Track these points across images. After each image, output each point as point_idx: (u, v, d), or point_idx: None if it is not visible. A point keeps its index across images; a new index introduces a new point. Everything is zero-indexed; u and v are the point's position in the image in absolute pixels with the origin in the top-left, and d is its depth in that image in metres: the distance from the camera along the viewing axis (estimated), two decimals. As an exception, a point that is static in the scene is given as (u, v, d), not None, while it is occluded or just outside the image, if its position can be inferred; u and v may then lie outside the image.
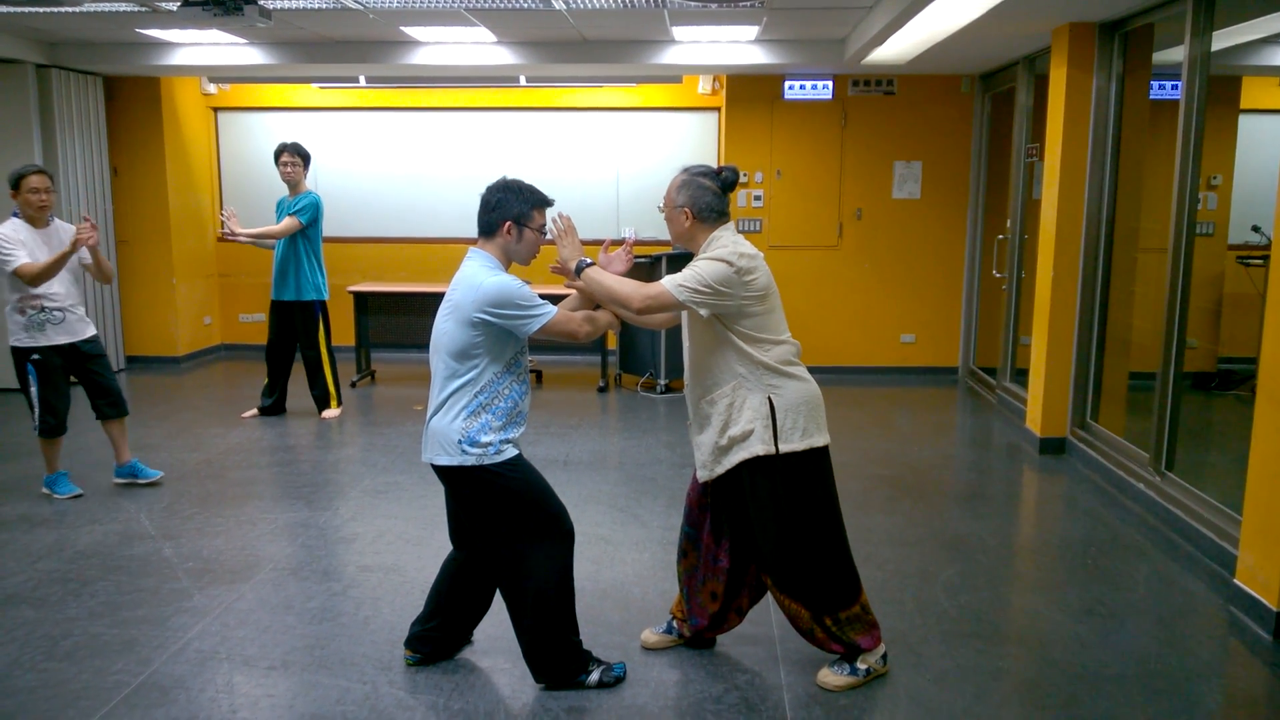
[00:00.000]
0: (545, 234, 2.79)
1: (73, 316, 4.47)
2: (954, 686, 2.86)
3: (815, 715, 2.71)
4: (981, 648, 3.11)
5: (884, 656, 2.89)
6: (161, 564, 3.75)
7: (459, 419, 2.67)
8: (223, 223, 6.04)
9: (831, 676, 2.83)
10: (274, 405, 6.16)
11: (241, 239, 5.82)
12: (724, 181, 2.79)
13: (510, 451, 2.72)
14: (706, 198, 2.77)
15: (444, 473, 2.73)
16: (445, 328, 2.70)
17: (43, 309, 4.36)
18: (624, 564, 3.77)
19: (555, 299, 2.87)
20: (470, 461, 2.66)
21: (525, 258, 2.79)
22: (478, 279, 2.66)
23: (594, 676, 2.82)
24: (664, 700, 2.78)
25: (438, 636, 2.97)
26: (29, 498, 4.53)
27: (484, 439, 2.67)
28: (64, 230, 4.46)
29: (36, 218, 4.35)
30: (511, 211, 2.71)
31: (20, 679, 2.88)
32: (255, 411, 6.15)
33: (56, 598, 3.44)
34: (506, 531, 2.76)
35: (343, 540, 4.04)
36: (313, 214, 5.89)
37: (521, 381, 2.77)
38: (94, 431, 5.70)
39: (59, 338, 4.42)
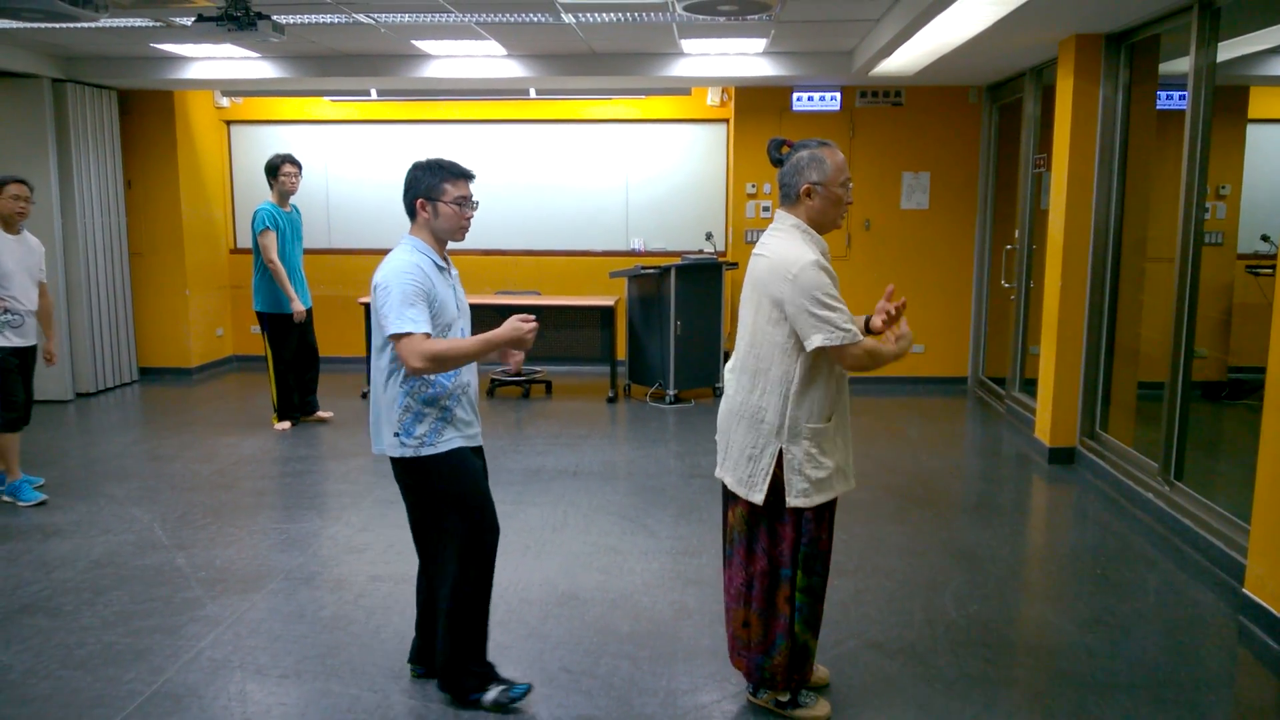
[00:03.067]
0: (466, 206, 2.70)
1: (30, 322, 4.62)
2: (963, 696, 2.87)
3: (824, 725, 2.71)
4: (990, 657, 3.11)
5: None
6: (174, 574, 3.79)
7: (393, 409, 2.67)
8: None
9: None
10: (308, 407, 6.30)
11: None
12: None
13: (450, 443, 2.68)
14: None
15: (392, 463, 2.74)
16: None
17: (5, 310, 4.49)
18: (633, 574, 3.78)
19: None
20: (408, 453, 2.67)
21: (450, 232, 2.72)
22: (384, 264, 2.66)
23: (490, 695, 2.77)
24: (673, 710, 2.79)
25: (433, 649, 2.95)
26: (43, 509, 4.58)
27: (418, 430, 2.66)
28: (30, 240, 4.65)
29: (11, 223, 4.52)
30: (421, 188, 2.69)
31: (36, 687, 2.91)
32: (288, 425, 6.18)
33: (71, 607, 3.47)
34: (433, 526, 2.76)
35: (354, 550, 4.07)
36: None
37: (448, 371, 2.68)
38: (106, 444, 5.75)
39: (17, 340, 4.55)
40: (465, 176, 2.74)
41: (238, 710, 2.78)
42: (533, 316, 2.71)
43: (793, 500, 2.55)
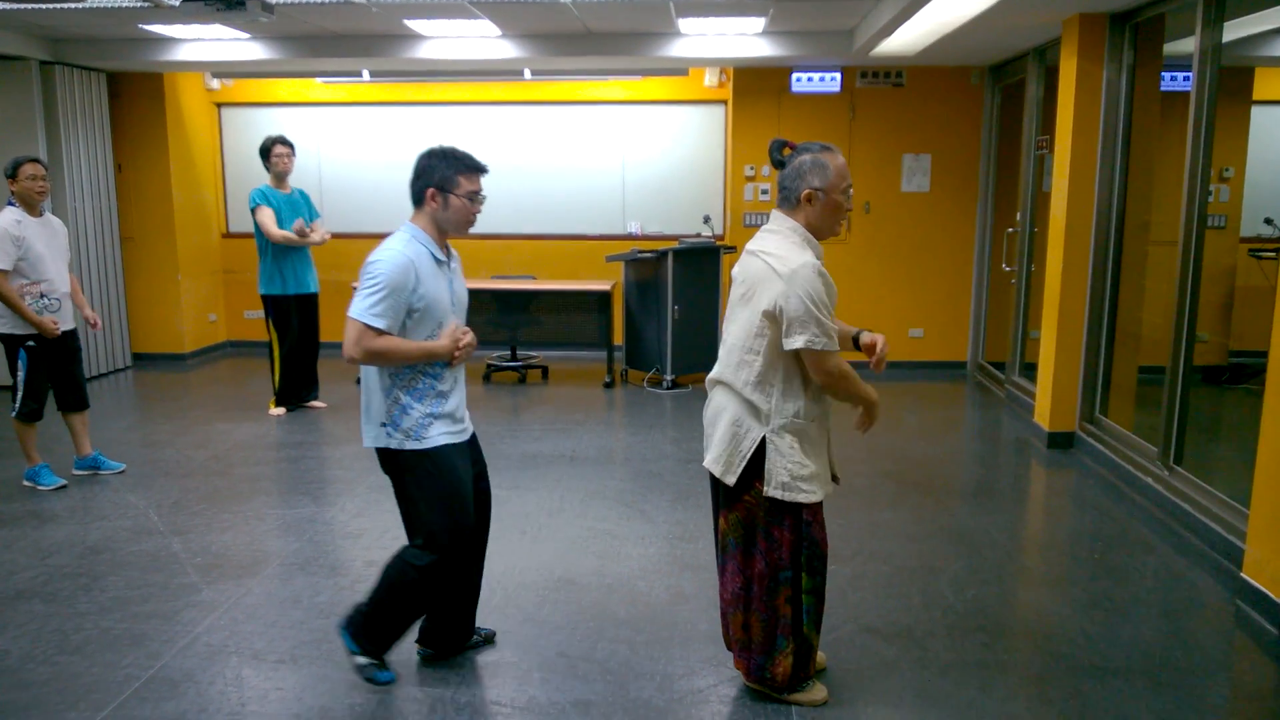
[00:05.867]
0: (477, 200, 2.67)
1: (67, 305, 4.62)
2: (959, 680, 2.86)
3: (820, 707, 2.70)
4: (987, 641, 3.11)
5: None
6: (170, 559, 3.77)
7: (382, 400, 2.66)
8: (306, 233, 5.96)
9: None
10: (307, 394, 6.27)
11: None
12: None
13: (436, 440, 2.67)
14: None
15: (378, 453, 2.73)
16: None
17: (43, 296, 4.49)
18: (629, 559, 3.77)
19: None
20: (393, 445, 2.66)
21: (456, 226, 2.67)
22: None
23: (361, 661, 2.79)
24: (669, 694, 2.78)
25: (439, 629, 2.95)
26: (38, 494, 4.56)
27: (405, 423, 2.65)
28: (54, 222, 4.64)
29: (34, 204, 4.49)
30: (434, 178, 2.62)
31: (33, 672, 2.90)
32: (283, 410, 6.14)
33: (67, 593, 3.46)
34: (407, 515, 2.77)
35: (349, 535, 4.05)
36: None
37: (432, 367, 2.68)
38: (100, 430, 5.73)
39: (57, 326, 4.55)
40: (480, 170, 2.70)
41: (234, 695, 2.77)
42: (469, 331, 2.73)
43: (770, 490, 2.55)
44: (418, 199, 2.67)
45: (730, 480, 2.57)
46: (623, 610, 3.31)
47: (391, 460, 2.72)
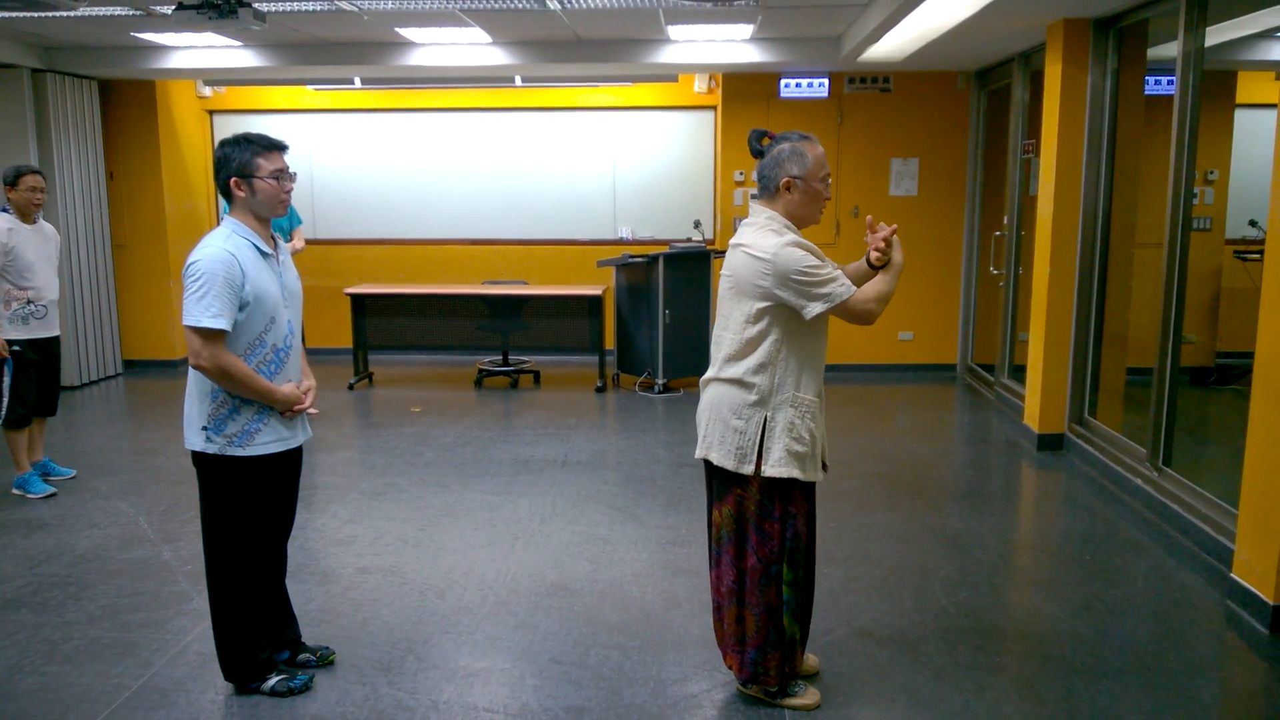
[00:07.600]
0: (284, 179, 2.61)
1: (54, 312, 4.63)
2: (952, 683, 2.87)
3: (813, 712, 2.71)
4: (979, 644, 3.12)
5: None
6: (161, 567, 3.76)
7: (205, 401, 2.60)
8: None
9: None
10: None
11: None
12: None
13: (262, 448, 2.65)
14: None
15: (192, 456, 2.68)
16: None
17: (29, 302, 4.49)
18: (622, 563, 3.78)
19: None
20: (213, 449, 2.61)
21: (271, 209, 2.62)
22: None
23: (270, 683, 2.79)
24: (663, 699, 2.79)
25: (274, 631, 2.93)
26: (27, 502, 4.54)
27: (230, 428, 2.61)
28: (47, 229, 4.64)
29: (28, 213, 4.50)
30: (233, 167, 2.57)
31: (21, 683, 2.88)
32: None
33: (57, 602, 3.44)
34: (208, 518, 2.73)
35: (341, 542, 4.04)
36: None
37: (267, 364, 2.64)
38: (91, 438, 5.71)
39: (42, 332, 4.57)
40: (277, 148, 2.65)
41: (225, 704, 2.76)
42: (312, 385, 2.80)
43: (768, 469, 2.56)
44: (225, 193, 2.62)
45: (748, 469, 2.57)
46: (615, 616, 3.31)
47: (207, 466, 2.66)
